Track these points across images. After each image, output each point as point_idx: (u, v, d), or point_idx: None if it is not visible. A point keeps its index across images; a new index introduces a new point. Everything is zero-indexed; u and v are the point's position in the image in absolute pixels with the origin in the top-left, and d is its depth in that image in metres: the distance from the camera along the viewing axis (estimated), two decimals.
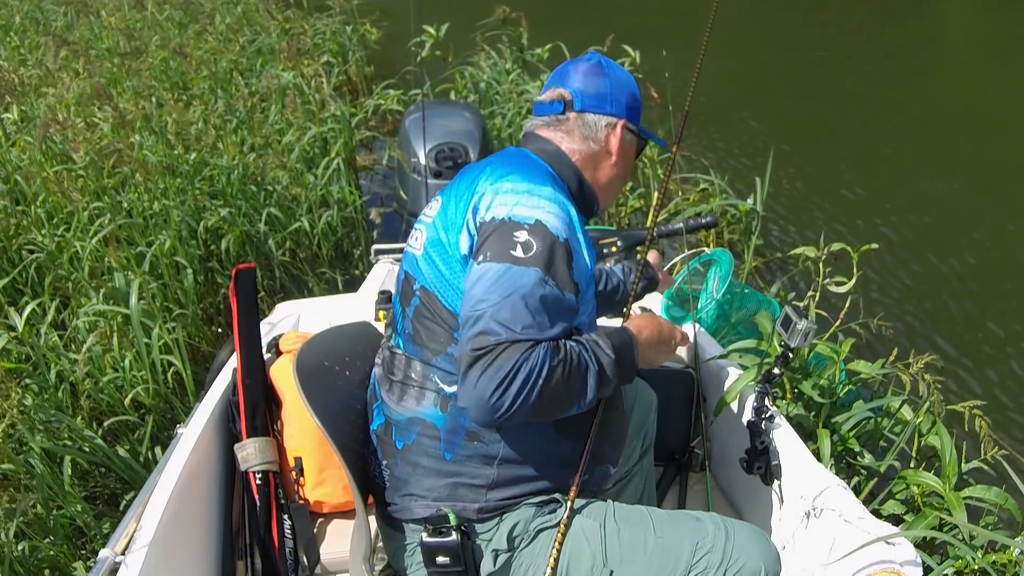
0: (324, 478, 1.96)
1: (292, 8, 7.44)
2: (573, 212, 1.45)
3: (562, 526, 1.45)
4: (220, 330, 3.55)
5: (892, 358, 2.40)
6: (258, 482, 1.90)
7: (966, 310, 3.92)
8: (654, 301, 2.61)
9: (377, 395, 1.60)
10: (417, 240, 1.53)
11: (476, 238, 1.40)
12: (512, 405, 1.29)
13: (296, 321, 2.36)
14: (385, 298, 2.37)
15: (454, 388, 1.43)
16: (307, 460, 1.95)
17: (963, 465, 2.14)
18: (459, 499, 1.47)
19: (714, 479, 2.20)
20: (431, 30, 5.73)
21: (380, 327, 2.03)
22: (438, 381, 1.45)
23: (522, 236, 1.35)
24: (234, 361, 1.96)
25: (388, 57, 6.72)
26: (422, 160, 3.91)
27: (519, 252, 1.34)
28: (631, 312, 1.79)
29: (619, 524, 1.47)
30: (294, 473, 1.95)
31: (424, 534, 1.45)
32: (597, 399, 1.45)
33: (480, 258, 1.36)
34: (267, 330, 2.23)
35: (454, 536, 1.44)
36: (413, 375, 1.49)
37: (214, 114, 4.54)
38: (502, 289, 1.32)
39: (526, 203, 1.38)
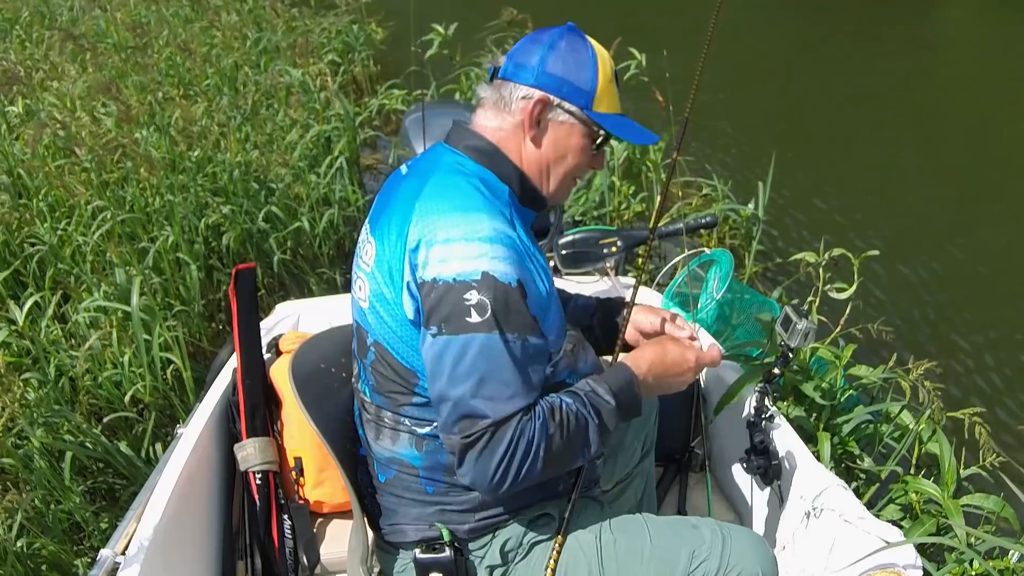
0: (324, 478, 1.96)
1: (299, 6, 7.43)
2: (516, 231, 1.34)
3: (557, 539, 1.45)
4: (220, 327, 3.55)
5: (892, 363, 2.40)
6: (258, 482, 1.91)
7: (967, 315, 3.91)
8: (655, 300, 2.61)
9: (358, 424, 1.60)
10: (361, 290, 1.45)
11: (420, 301, 1.31)
12: (517, 478, 1.28)
13: (296, 321, 2.37)
14: None
15: (427, 429, 1.42)
16: (307, 460, 1.96)
17: (962, 471, 2.14)
18: (448, 522, 1.47)
19: (714, 479, 2.21)
20: (440, 29, 5.73)
21: None
22: (410, 424, 1.44)
23: (472, 297, 1.25)
24: (234, 361, 1.97)
25: (393, 57, 6.71)
26: None
27: (474, 317, 1.25)
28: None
29: (615, 534, 1.47)
30: (294, 473, 1.96)
31: (418, 550, 1.44)
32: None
33: (434, 329, 1.28)
34: (267, 330, 2.23)
35: (448, 552, 1.43)
36: (385, 419, 1.47)
37: (218, 111, 4.54)
38: (470, 366, 1.26)
39: (465, 253, 1.26)
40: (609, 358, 1.62)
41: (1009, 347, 3.68)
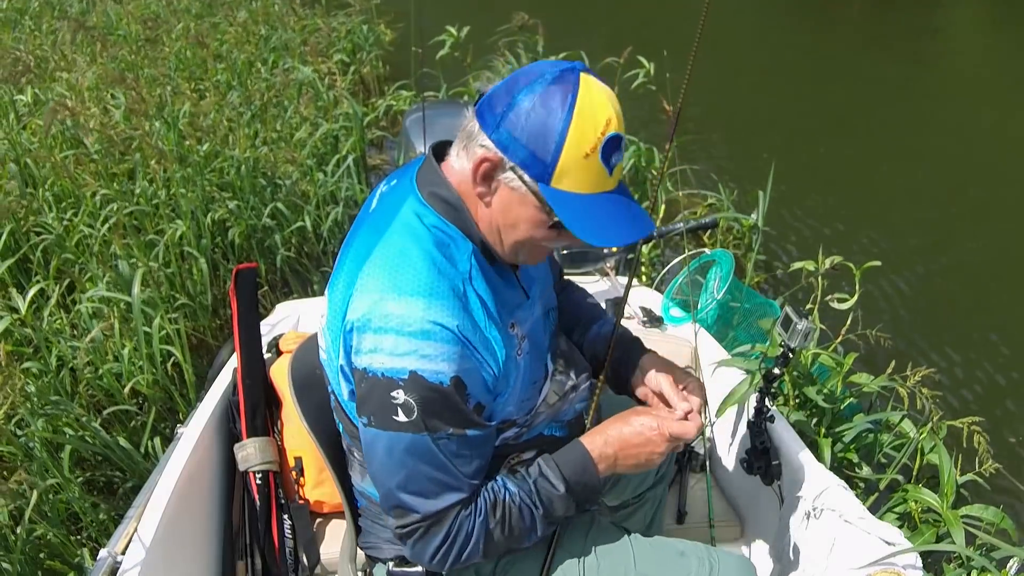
0: (324, 478, 1.97)
1: (308, 6, 7.43)
2: (467, 309, 1.22)
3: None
4: (224, 322, 3.56)
5: (890, 370, 2.41)
6: (258, 482, 1.92)
7: (967, 323, 3.92)
8: (654, 301, 2.61)
9: None
10: (322, 337, 1.37)
11: (353, 385, 1.26)
12: (456, 563, 1.28)
13: (296, 321, 2.37)
14: None
15: None
16: (307, 460, 1.96)
17: (959, 477, 2.14)
18: None
19: (714, 479, 2.21)
20: (452, 30, 5.74)
21: None
22: None
23: (399, 396, 1.18)
24: (234, 361, 1.97)
25: (402, 58, 6.72)
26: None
27: (401, 416, 1.19)
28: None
29: (599, 559, 1.43)
30: (294, 473, 1.96)
31: (392, 564, 1.44)
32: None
33: (364, 419, 1.23)
34: (267, 330, 2.24)
35: (419, 568, 1.41)
36: (354, 453, 1.45)
37: (228, 106, 4.55)
38: (398, 461, 1.22)
39: (395, 347, 1.17)
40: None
41: (1008, 355, 3.68)
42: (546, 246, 1.29)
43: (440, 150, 1.35)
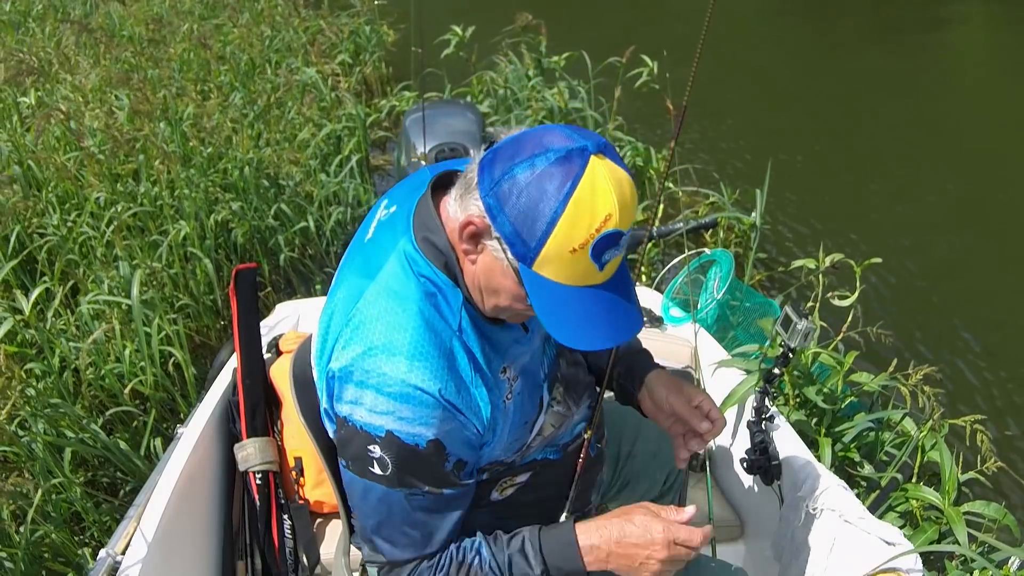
0: (323, 478, 1.96)
1: (311, 7, 7.43)
2: (448, 370, 1.18)
3: None
4: (226, 323, 3.58)
5: (892, 368, 2.40)
6: (258, 482, 1.92)
7: (968, 321, 3.90)
8: (654, 301, 2.61)
9: None
10: (312, 360, 1.36)
11: (335, 427, 1.26)
12: None
13: (296, 321, 2.38)
14: None
15: None
16: (307, 460, 1.97)
17: (961, 476, 2.14)
18: None
19: (714, 479, 2.21)
20: (458, 30, 5.75)
21: None
22: None
23: (376, 451, 1.18)
24: (234, 361, 1.98)
25: (405, 59, 6.74)
26: (422, 160, 3.90)
27: (376, 469, 1.19)
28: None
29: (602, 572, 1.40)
30: (294, 473, 1.97)
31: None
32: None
33: (344, 461, 1.26)
34: (267, 330, 2.25)
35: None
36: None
37: (232, 107, 4.56)
38: (372, 507, 1.24)
39: (374, 404, 1.16)
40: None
41: (1013, 351, 3.67)
42: (528, 315, 1.23)
43: (441, 181, 1.28)
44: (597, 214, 1.05)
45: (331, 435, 1.31)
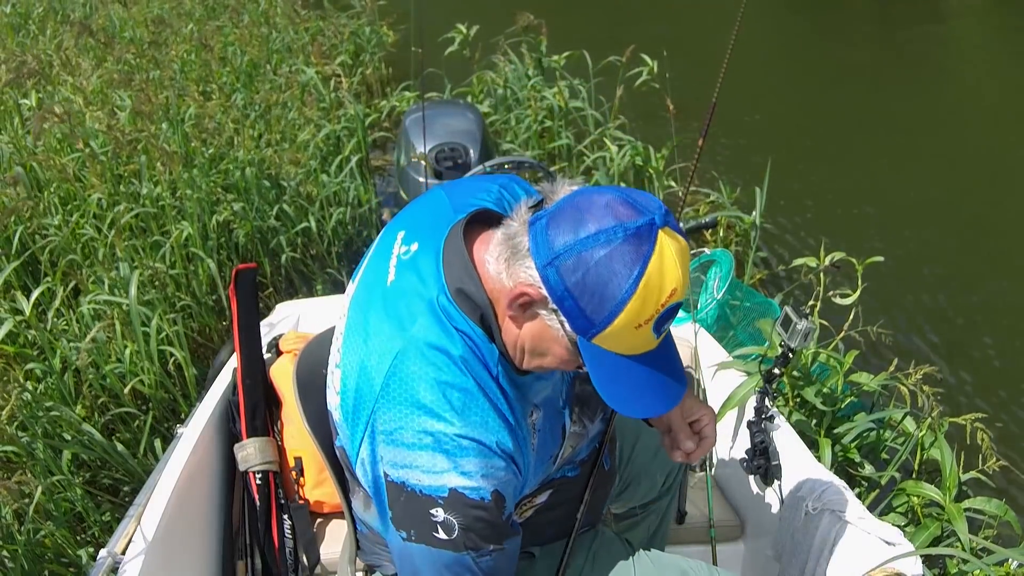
0: (324, 478, 1.96)
1: (311, 7, 7.43)
2: (499, 421, 1.16)
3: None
4: (226, 323, 3.58)
5: (892, 368, 2.40)
6: (258, 482, 1.92)
7: (970, 320, 3.91)
8: None
9: None
10: (332, 397, 1.32)
11: (382, 492, 1.19)
12: None
13: (296, 321, 2.38)
14: None
15: None
16: (307, 460, 1.96)
17: (962, 475, 2.14)
18: None
19: (714, 479, 2.21)
20: (462, 28, 5.75)
21: None
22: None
23: (439, 515, 1.13)
24: (234, 361, 1.98)
25: (405, 59, 6.73)
26: (421, 160, 3.91)
27: (441, 534, 1.13)
28: None
29: (601, 574, 1.42)
30: (294, 473, 1.97)
31: None
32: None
33: (400, 532, 1.18)
34: (267, 330, 2.25)
35: None
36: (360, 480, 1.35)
37: (233, 107, 4.56)
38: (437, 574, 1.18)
39: (432, 464, 1.13)
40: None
41: (1012, 351, 3.67)
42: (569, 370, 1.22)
43: (474, 218, 1.24)
44: (665, 290, 1.04)
45: (369, 492, 1.25)
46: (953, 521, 1.96)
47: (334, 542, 1.98)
